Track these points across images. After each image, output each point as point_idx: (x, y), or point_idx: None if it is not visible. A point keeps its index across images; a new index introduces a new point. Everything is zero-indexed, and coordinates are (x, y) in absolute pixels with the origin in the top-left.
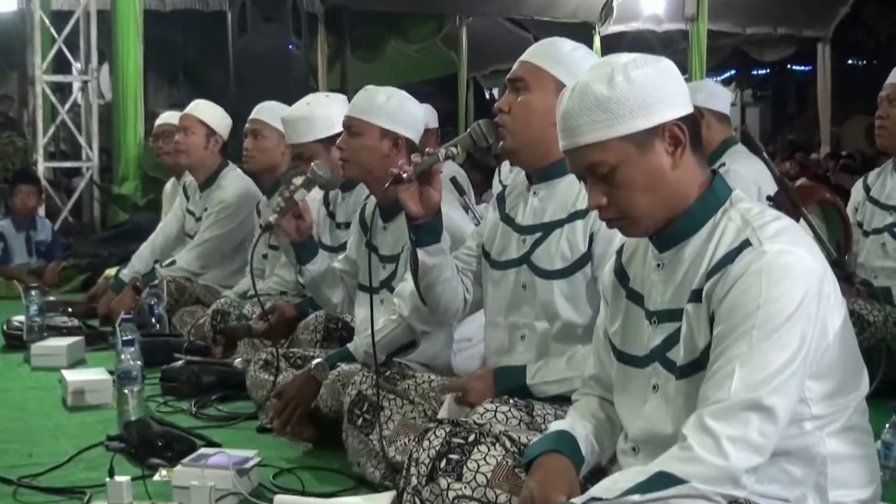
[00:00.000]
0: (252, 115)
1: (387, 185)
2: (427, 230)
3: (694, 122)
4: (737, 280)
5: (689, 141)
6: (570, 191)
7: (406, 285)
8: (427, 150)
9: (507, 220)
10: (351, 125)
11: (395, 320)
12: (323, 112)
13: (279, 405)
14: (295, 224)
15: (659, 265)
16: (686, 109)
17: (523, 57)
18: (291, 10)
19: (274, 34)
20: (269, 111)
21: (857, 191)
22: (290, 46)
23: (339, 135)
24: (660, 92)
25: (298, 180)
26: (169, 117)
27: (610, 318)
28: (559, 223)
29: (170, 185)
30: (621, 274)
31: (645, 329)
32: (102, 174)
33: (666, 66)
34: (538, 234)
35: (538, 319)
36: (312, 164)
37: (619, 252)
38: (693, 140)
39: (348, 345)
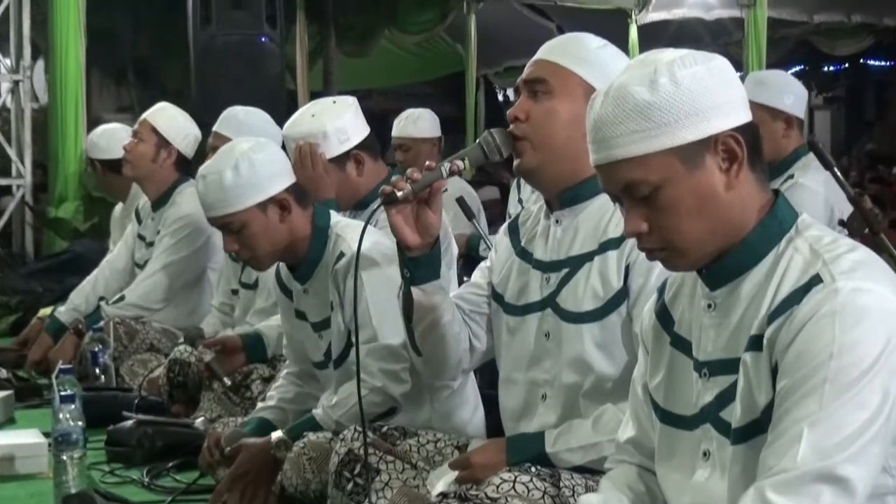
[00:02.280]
0: (214, 127)
1: (377, 205)
2: (424, 264)
3: (753, 132)
4: (805, 324)
5: (746, 156)
6: (600, 216)
7: (362, 350)
8: (427, 163)
9: (524, 255)
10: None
11: (365, 387)
12: (337, 124)
13: (231, 490)
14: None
15: (710, 305)
16: (743, 117)
17: (541, 55)
18: None
19: (243, 24)
20: (232, 123)
21: None
22: (263, 39)
23: (357, 147)
24: (712, 96)
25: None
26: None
27: (651, 370)
28: (588, 256)
29: (119, 208)
30: (664, 316)
31: (693, 383)
32: (36, 194)
33: (719, 64)
34: (564, 271)
35: (565, 374)
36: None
37: (662, 289)
38: (752, 154)
39: (313, 412)
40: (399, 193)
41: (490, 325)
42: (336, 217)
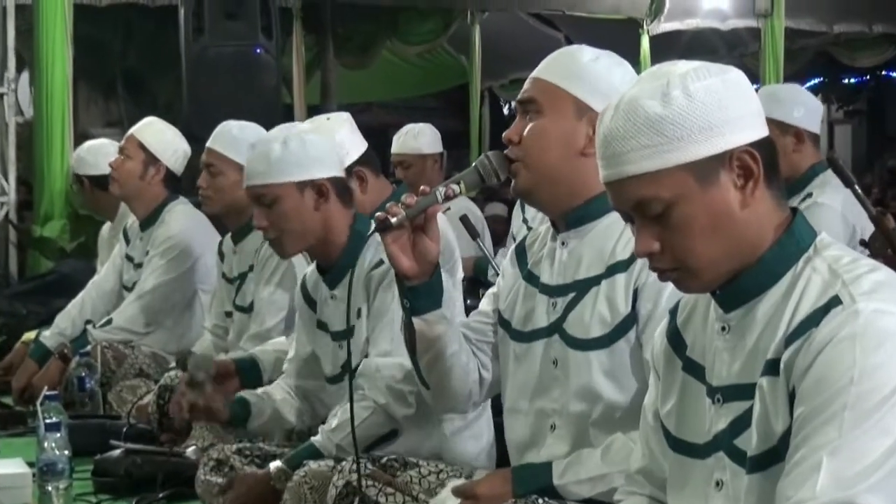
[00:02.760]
0: (208, 143)
1: (369, 232)
2: (424, 293)
3: (770, 148)
4: (823, 348)
5: (763, 172)
6: (608, 237)
7: (371, 362)
8: (422, 188)
9: (531, 278)
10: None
11: (367, 406)
12: (334, 139)
13: None
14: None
15: (724, 328)
16: (760, 133)
17: (534, 73)
18: (259, 5)
19: (237, 35)
20: (226, 139)
21: None
22: (258, 50)
23: (357, 163)
24: (727, 110)
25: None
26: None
27: (662, 396)
28: (595, 280)
29: (107, 228)
30: (676, 340)
31: (706, 409)
32: (21, 212)
33: (734, 77)
34: (571, 295)
35: (573, 403)
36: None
37: (674, 312)
38: (768, 171)
39: (313, 439)
40: (393, 220)
41: (497, 354)
42: None
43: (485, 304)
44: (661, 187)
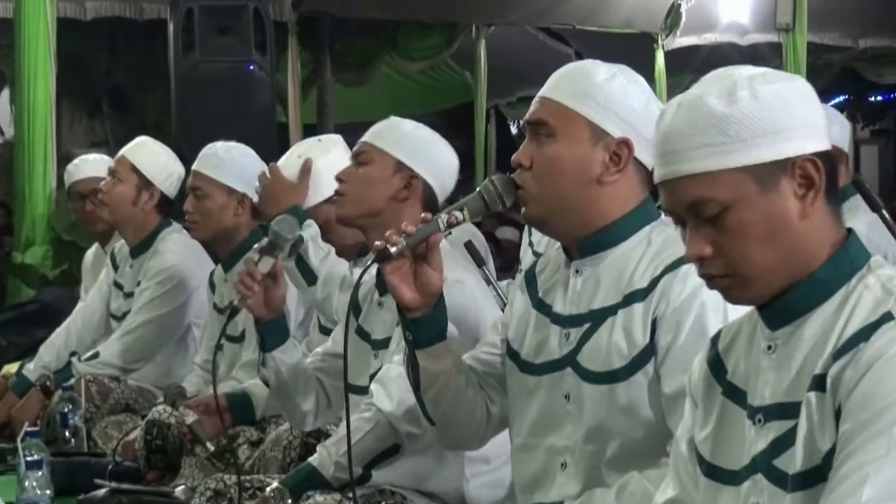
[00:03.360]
0: (194, 165)
1: (368, 263)
2: (427, 324)
3: (832, 162)
4: (873, 363)
5: (824, 185)
6: (624, 265)
7: (390, 369)
8: (423, 215)
9: (542, 307)
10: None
11: (369, 418)
12: (325, 161)
13: None
14: (262, 295)
15: (770, 347)
16: (823, 144)
17: (543, 91)
18: (253, 19)
19: (230, 51)
20: (212, 161)
21: None
22: (251, 67)
23: None
24: (793, 117)
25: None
26: (93, 168)
27: (699, 423)
28: (612, 310)
29: (92, 252)
30: (717, 366)
31: (745, 432)
32: (0, 237)
33: (802, 85)
34: (585, 326)
35: (586, 441)
36: (273, 221)
37: (716, 339)
38: (829, 184)
39: (311, 459)
40: (392, 249)
41: (505, 387)
42: None
43: (492, 334)
44: (719, 188)
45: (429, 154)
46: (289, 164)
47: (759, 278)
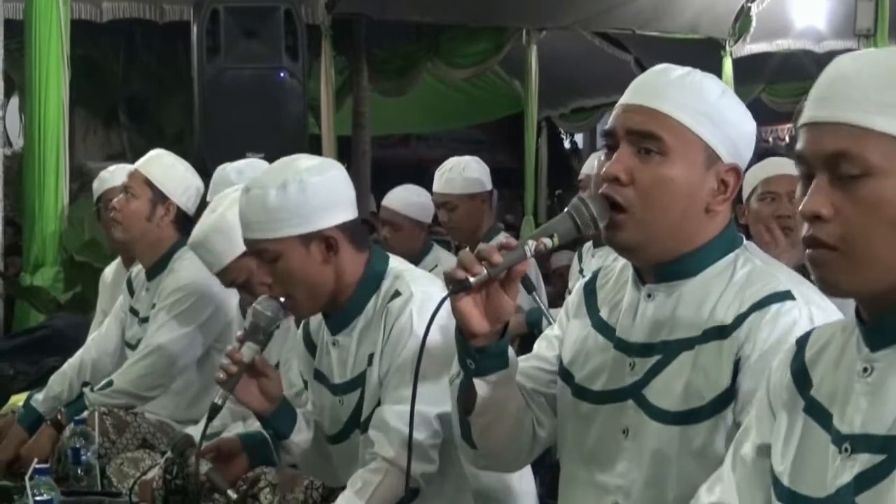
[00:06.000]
0: (208, 194)
1: (445, 294)
2: (494, 353)
3: None
4: None
5: None
6: (705, 295)
7: (384, 412)
8: (506, 240)
9: (603, 328)
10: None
11: (376, 468)
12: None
13: None
14: (257, 390)
15: (867, 370)
16: None
17: (648, 100)
18: (284, 22)
19: (258, 56)
20: (220, 187)
21: None
22: (282, 74)
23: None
24: None
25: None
26: (120, 175)
27: (779, 439)
28: (688, 343)
29: (112, 270)
30: (802, 376)
31: (829, 459)
32: (8, 257)
33: None
34: (656, 358)
35: (648, 484)
36: (255, 304)
37: (803, 343)
38: None
39: None
40: (472, 280)
41: (554, 408)
42: (396, 261)
43: (543, 347)
44: (874, 149)
45: (317, 204)
46: (206, 221)
47: (872, 266)
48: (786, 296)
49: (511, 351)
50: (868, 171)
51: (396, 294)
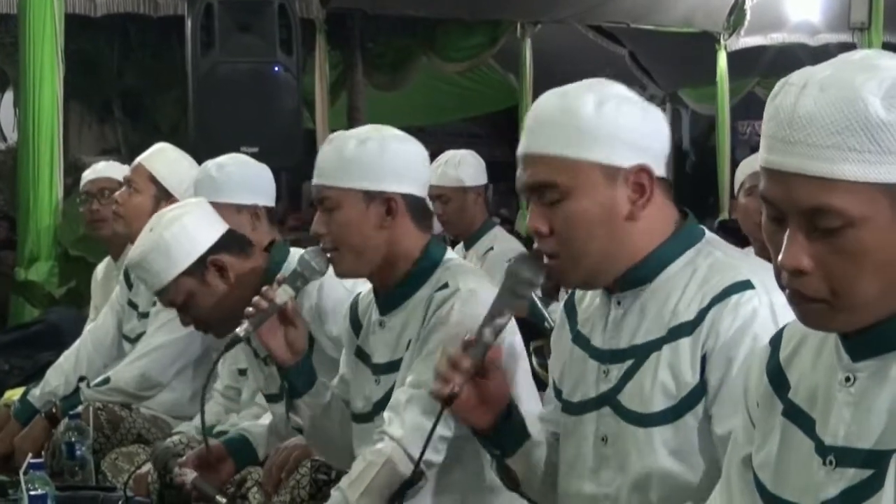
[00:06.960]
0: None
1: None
2: (507, 434)
3: None
4: None
5: None
6: (668, 295)
7: (401, 394)
8: (466, 338)
9: (579, 339)
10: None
11: (381, 449)
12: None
13: None
14: (282, 337)
15: (849, 379)
16: None
17: (531, 148)
18: (278, 16)
19: (252, 50)
20: (208, 184)
21: None
22: (276, 68)
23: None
24: None
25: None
26: (107, 169)
27: (757, 444)
28: (656, 344)
29: (103, 267)
30: (778, 379)
31: (812, 467)
32: (2, 252)
33: None
34: (628, 363)
35: (633, 489)
36: (305, 252)
37: (776, 344)
38: None
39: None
40: (455, 389)
41: None
42: (452, 254)
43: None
44: (852, 201)
45: (390, 166)
46: (143, 240)
47: (861, 310)
48: (745, 285)
49: (531, 419)
50: (848, 223)
51: (445, 286)
